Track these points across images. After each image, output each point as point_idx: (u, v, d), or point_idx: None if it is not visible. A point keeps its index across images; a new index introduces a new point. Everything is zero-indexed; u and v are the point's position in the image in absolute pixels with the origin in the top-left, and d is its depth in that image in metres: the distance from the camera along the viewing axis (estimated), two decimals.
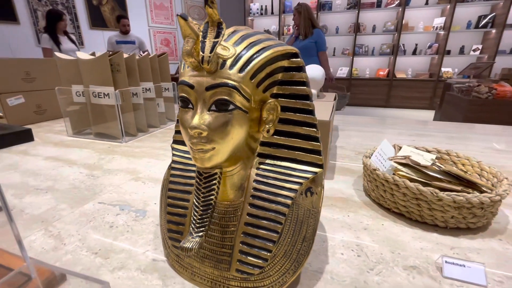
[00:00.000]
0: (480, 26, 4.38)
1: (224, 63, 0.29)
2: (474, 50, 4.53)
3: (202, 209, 0.33)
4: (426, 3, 4.60)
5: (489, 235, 0.48)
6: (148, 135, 1.11)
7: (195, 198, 0.34)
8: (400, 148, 0.68)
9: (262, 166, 0.37)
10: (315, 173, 0.36)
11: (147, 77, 1.11)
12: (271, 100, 0.34)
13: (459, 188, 0.50)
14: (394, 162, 0.58)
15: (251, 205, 0.36)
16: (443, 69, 4.66)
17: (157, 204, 0.59)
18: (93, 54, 1.03)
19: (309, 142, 0.36)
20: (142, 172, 0.76)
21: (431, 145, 0.70)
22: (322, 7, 5.04)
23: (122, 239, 0.48)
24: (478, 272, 0.38)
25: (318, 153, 0.36)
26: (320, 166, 0.37)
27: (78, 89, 1.02)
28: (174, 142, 0.44)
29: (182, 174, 0.41)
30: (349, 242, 0.47)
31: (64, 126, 1.12)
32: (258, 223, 0.35)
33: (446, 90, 2.98)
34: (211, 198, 0.33)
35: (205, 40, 0.28)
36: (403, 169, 0.56)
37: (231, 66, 0.29)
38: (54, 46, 2.52)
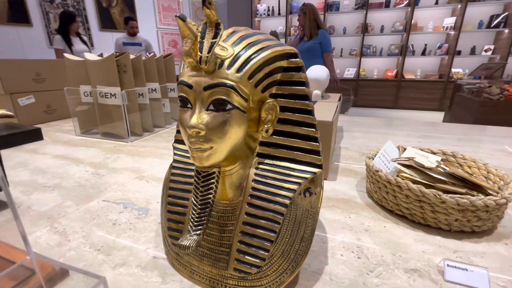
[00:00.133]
0: (492, 26, 4.28)
1: (222, 63, 0.30)
2: (486, 51, 4.43)
3: (200, 207, 0.33)
4: (436, 3, 4.52)
5: (494, 239, 0.47)
6: (153, 135, 1.13)
7: (194, 196, 0.34)
8: (404, 149, 0.67)
9: (261, 166, 0.37)
10: (314, 173, 0.36)
11: (153, 77, 1.13)
12: (270, 100, 0.34)
13: (464, 190, 0.49)
14: (397, 164, 0.57)
15: (250, 204, 0.36)
16: (453, 69, 4.57)
17: (159, 202, 0.60)
18: (100, 55, 1.05)
19: (308, 142, 0.36)
20: (146, 171, 0.77)
21: (438, 147, 0.69)
22: (329, 8, 5.01)
23: (125, 237, 0.49)
24: (481, 276, 0.37)
25: (317, 153, 0.36)
26: (319, 167, 0.36)
27: (86, 89, 1.04)
28: (176, 141, 0.45)
29: (183, 173, 0.42)
30: (349, 243, 0.46)
31: (72, 125, 1.14)
32: (256, 223, 0.35)
33: (456, 91, 2.91)
34: (209, 197, 0.33)
35: (203, 40, 0.28)
36: (407, 170, 0.56)
37: (229, 66, 0.30)
38: (66, 47, 2.56)
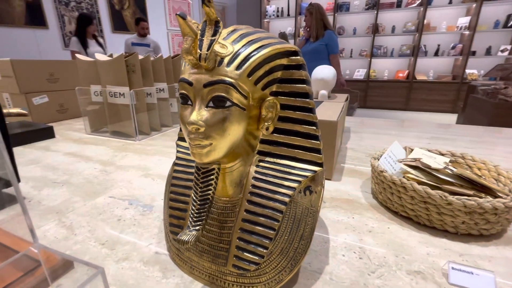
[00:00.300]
0: (508, 25, 4.15)
1: (222, 61, 0.30)
2: (502, 51, 4.30)
3: (199, 203, 0.34)
4: (450, 2, 4.42)
5: (503, 243, 0.45)
6: (160, 134, 1.14)
7: (193, 192, 0.34)
8: (411, 150, 0.66)
9: (261, 164, 0.37)
10: (315, 171, 0.36)
11: (161, 77, 1.14)
12: (270, 97, 0.34)
13: (471, 192, 0.48)
14: (403, 165, 0.56)
15: (249, 201, 0.36)
16: (468, 70, 4.45)
17: (163, 199, 0.61)
18: (110, 56, 1.07)
19: (308, 140, 0.36)
20: (152, 169, 0.79)
21: (449, 149, 0.67)
22: (339, 8, 4.97)
23: (129, 232, 0.50)
24: (487, 280, 0.36)
25: (317, 151, 0.36)
26: (319, 165, 0.36)
27: (96, 89, 1.06)
28: (179, 139, 0.46)
29: (185, 170, 0.42)
30: (351, 244, 0.46)
31: (83, 124, 1.17)
32: (255, 220, 0.35)
33: (470, 93, 2.83)
34: (209, 193, 0.33)
35: (202, 38, 0.28)
36: (413, 171, 0.55)
37: (229, 64, 0.30)
38: (81, 49, 2.62)
